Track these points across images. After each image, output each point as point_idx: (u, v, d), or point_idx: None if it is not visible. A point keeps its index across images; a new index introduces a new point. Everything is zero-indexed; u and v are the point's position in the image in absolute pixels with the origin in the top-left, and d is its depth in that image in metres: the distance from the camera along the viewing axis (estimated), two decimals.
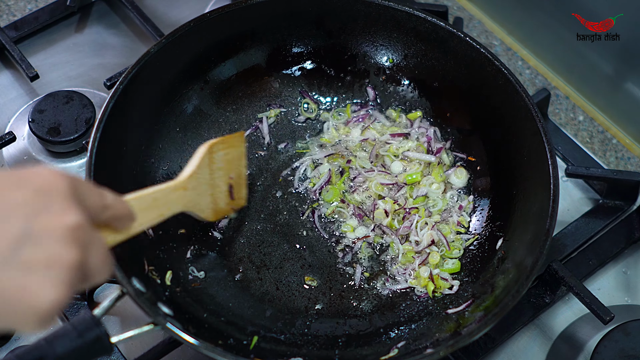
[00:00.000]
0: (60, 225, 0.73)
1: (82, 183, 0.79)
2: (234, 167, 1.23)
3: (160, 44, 1.27)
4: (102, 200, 0.83)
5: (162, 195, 1.04)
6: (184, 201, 1.11)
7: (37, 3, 1.64)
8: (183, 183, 1.11)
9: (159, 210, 1.03)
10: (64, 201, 0.74)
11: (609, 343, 1.19)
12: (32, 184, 0.74)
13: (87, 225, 0.76)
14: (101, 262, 0.78)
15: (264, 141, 1.39)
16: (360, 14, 1.36)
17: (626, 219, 1.37)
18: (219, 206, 1.22)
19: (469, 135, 1.35)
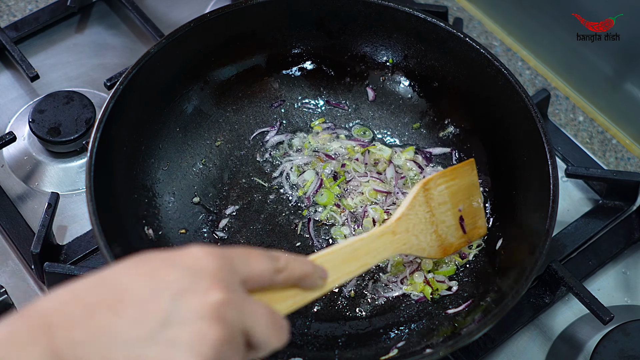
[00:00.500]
0: (203, 303, 0.74)
1: (239, 254, 0.80)
2: (462, 198, 1.15)
3: (161, 44, 1.27)
4: (273, 264, 0.83)
5: (363, 244, 0.97)
6: (395, 245, 1.03)
7: (37, 3, 1.64)
8: (390, 228, 1.04)
9: (360, 260, 0.96)
10: (209, 280, 0.76)
11: (608, 343, 1.19)
12: (183, 264, 0.76)
13: (237, 300, 0.77)
14: (266, 331, 0.79)
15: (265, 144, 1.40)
16: (360, 15, 1.36)
17: (626, 219, 1.37)
18: (448, 241, 1.13)
19: (469, 136, 1.35)
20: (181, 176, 1.32)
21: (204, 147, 1.36)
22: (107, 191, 1.15)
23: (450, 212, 1.14)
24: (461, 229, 1.16)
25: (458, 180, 1.16)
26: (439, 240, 1.13)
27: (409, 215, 1.07)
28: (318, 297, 0.89)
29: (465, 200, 1.17)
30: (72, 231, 1.35)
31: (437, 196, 1.12)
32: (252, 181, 1.35)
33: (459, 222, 1.16)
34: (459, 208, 1.15)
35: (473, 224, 1.19)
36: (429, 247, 1.11)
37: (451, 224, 1.15)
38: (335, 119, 1.42)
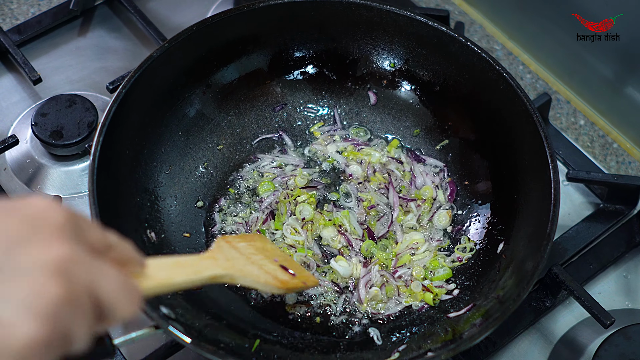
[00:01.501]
0: (45, 256, 0.66)
1: (82, 219, 0.73)
2: (272, 254, 1.18)
3: (163, 48, 1.27)
4: (105, 239, 0.76)
5: (186, 260, 0.99)
6: (220, 267, 1.04)
7: (40, 7, 1.64)
8: (207, 255, 1.07)
9: (190, 269, 0.97)
10: (53, 232, 0.68)
11: (609, 347, 1.19)
12: (22, 213, 0.69)
13: (85, 258, 0.69)
14: (117, 295, 0.71)
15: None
16: (362, 19, 1.37)
17: (627, 223, 1.38)
18: (281, 278, 1.13)
19: (470, 140, 1.36)
20: (183, 179, 1.32)
21: (206, 150, 1.36)
22: (110, 194, 1.15)
23: (267, 260, 1.15)
24: (288, 273, 1.15)
25: (257, 242, 1.19)
26: (269, 274, 1.11)
27: (221, 251, 1.09)
28: (154, 287, 0.87)
29: (277, 256, 1.18)
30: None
31: (244, 249, 1.14)
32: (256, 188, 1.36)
33: (281, 268, 1.15)
34: (275, 259, 1.16)
35: (300, 272, 1.18)
36: (263, 277, 1.10)
37: (274, 268, 1.14)
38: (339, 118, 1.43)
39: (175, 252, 1.24)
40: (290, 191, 1.33)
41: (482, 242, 1.28)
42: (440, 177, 1.36)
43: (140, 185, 1.26)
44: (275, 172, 1.37)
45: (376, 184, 1.35)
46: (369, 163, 1.37)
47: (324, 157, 1.39)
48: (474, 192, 1.33)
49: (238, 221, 1.31)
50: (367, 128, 1.42)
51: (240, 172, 1.37)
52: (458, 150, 1.37)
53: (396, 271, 1.26)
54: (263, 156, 1.39)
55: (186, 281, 0.95)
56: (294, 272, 1.16)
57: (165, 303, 1.11)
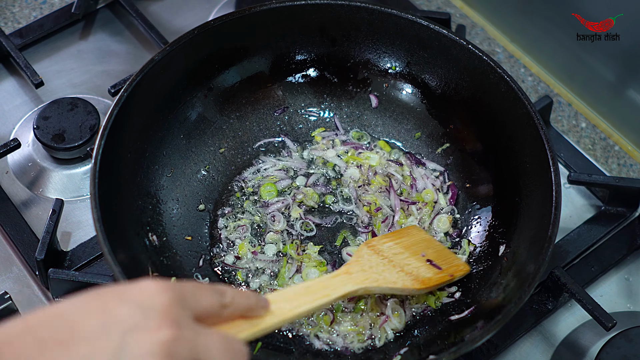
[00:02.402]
0: (152, 340, 0.74)
1: (190, 290, 0.81)
2: (421, 248, 1.17)
3: (164, 51, 1.27)
4: (220, 299, 0.84)
5: (316, 283, 1.01)
6: (354, 281, 1.07)
7: (42, 10, 1.65)
8: (342, 269, 1.08)
9: (317, 293, 0.99)
10: (159, 316, 0.76)
11: (611, 350, 1.19)
12: (135, 300, 0.76)
13: (188, 336, 0.77)
14: (221, 358, 0.79)
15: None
16: (363, 22, 1.37)
17: (628, 225, 1.38)
18: (423, 276, 1.14)
19: (471, 143, 1.36)
20: (185, 183, 1.32)
21: (208, 153, 1.36)
22: (112, 198, 1.16)
23: (413, 258, 1.15)
24: (434, 267, 1.16)
25: (406, 238, 1.19)
26: (409, 275, 1.12)
27: (358, 261, 1.10)
28: (278, 324, 0.91)
29: (427, 249, 1.18)
30: (76, 237, 1.35)
31: (388, 250, 1.14)
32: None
33: (427, 263, 1.16)
34: (422, 254, 1.16)
35: (448, 264, 1.19)
36: (401, 280, 1.11)
37: (418, 265, 1.14)
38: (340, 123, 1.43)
39: (177, 255, 1.24)
40: (300, 242, 1.30)
41: (483, 245, 1.28)
42: (441, 180, 1.36)
43: (142, 189, 1.26)
44: (278, 175, 1.37)
45: (377, 187, 1.36)
46: (368, 166, 1.37)
47: (323, 160, 1.39)
48: (475, 195, 1.34)
49: (241, 224, 1.31)
50: (367, 132, 1.42)
51: (242, 175, 1.37)
52: (459, 153, 1.37)
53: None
54: (265, 159, 1.39)
55: (315, 307, 0.97)
56: (441, 266, 1.16)
57: None
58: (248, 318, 0.88)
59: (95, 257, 1.31)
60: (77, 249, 1.32)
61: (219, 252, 1.28)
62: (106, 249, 1.06)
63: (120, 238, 1.13)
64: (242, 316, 0.87)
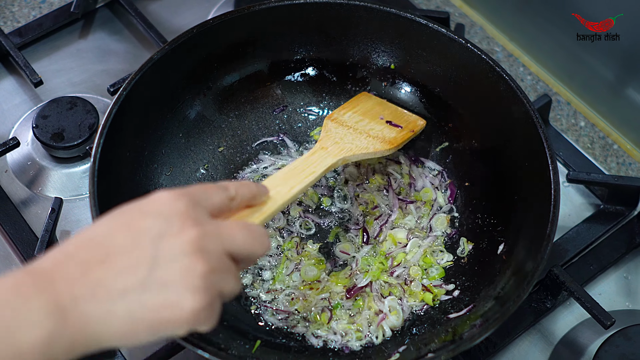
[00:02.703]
0: (182, 242, 0.81)
1: (198, 191, 0.88)
2: (377, 112, 1.27)
3: (163, 50, 1.27)
4: (226, 193, 0.92)
5: (299, 163, 1.09)
6: (333, 153, 1.15)
7: (41, 9, 1.65)
8: (318, 146, 1.16)
9: (305, 171, 1.08)
10: (181, 219, 0.83)
11: (609, 348, 1.19)
12: (154, 210, 0.83)
13: (210, 230, 0.84)
14: (246, 243, 0.88)
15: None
16: (362, 21, 1.37)
17: (627, 224, 1.38)
18: (389, 136, 1.24)
19: (470, 141, 1.36)
20: (184, 181, 1.32)
21: (207, 152, 1.36)
22: (111, 196, 1.15)
23: (374, 122, 1.24)
24: (395, 127, 1.25)
25: (361, 106, 1.28)
26: (377, 138, 1.22)
27: (328, 136, 1.19)
28: (282, 205, 1.01)
29: (383, 112, 1.27)
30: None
31: (349, 119, 1.24)
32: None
33: (387, 124, 1.24)
34: (380, 117, 1.25)
35: (406, 121, 1.28)
36: (371, 145, 1.20)
37: (381, 128, 1.24)
38: None
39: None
40: (300, 240, 1.30)
41: (482, 243, 1.28)
42: (440, 179, 1.37)
43: (141, 187, 1.26)
44: None
45: (375, 186, 1.36)
46: (367, 165, 1.37)
47: None
48: (474, 194, 1.34)
49: None
50: None
51: (242, 173, 1.37)
52: (458, 152, 1.37)
53: (394, 271, 1.27)
54: (264, 157, 1.39)
55: (306, 185, 1.06)
56: (400, 124, 1.27)
57: None
58: (253, 206, 0.96)
59: None
60: None
61: None
62: None
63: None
64: (248, 205, 0.96)
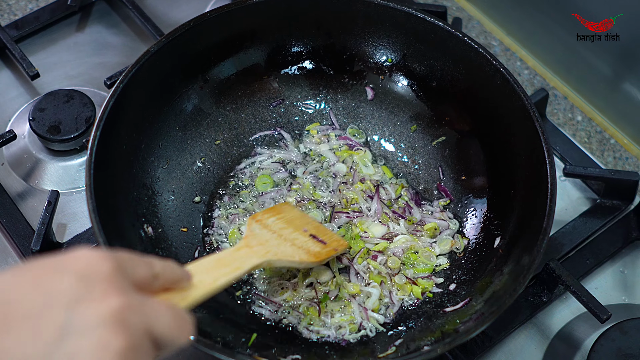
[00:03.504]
0: (102, 310, 0.69)
1: (126, 259, 0.76)
2: (301, 224, 1.22)
3: (160, 43, 1.27)
4: (151, 270, 0.80)
5: (225, 256, 1.04)
6: (258, 254, 1.10)
7: (38, 2, 1.64)
8: (242, 243, 1.11)
9: (229, 266, 1.01)
10: (105, 284, 0.71)
11: (606, 342, 1.20)
12: (73, 269, 0.71)
13: (136, 303, 0.72)
14: (171, 327, 0.75)
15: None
16: (359, 14, 1.37)
17: (624, 218, 1.38)
18: (314, 250, 1.18)
19: (467, 135, 1.36)
20: (181, 174, 1.32)
21: (204, 145, 1.36)
22: (107, 189, 1.15)
23: (297, 232, 1.19)
24: (319, 242, 1.20)
25: (285, 214, 1.23)
26: (302, 249, 1.17)
27: (254, 235, 1.14)
28: (203, 295, 0.90)
29: (306, 225, 1.22)
30: (71, 229, 1.35)
31: (273, 224, 1.18)
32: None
33: (311, 238, 1.20)
34: (304, 229, 1.20)
35: (330, 239, 1.22)
36: (297, 254, 1.15)
37: (305, 240, 1.19)
38: (335, 118, 1.43)
39: (172, 246, 1.24)
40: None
41: (478, 237, 1.28)
42: (450, 210, 1.34)
43: (138, 180, 1.26)
44: (274, 167, 1.37)
45: (361, 189, 1.35)
46: (356, 171, 1.37)
47: (317, 154, 1.39)
48: (470, 187, 1.34)
49: (234, 212, 1.31)
50: (363, 130, 1.42)
51: (238, 167, 1.37)
52: (455, 145, 1.37)
53: (376, 255, 1.27)
54: (261, 150, 1.39)
55: (230, 280, 0.99)
56: (325, 241, 1.21)
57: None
58: (174, 290, 0.85)
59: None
60: (73, 241, 1.32)
61: (211, 239, 1.28)
62: (102, 241, 1.06)
63: (115, 229, 1.13)
64: (168, 288, 0.84)
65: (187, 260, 1.25)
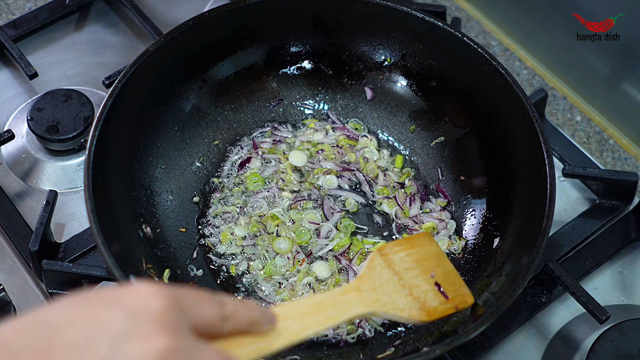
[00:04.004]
0: (147, 350, 0.66)
1: (188, 296, 0.72)
2: (431, 265, 1.10)
3: (159, 42, 1.27)
4: (220, 310, 0.75)
5: (326, 299, 0.94)
6: (365, 302, 0.99)
7: (36, 2, 1.64)
8: (352, 285, 1.00)
9: (327, 313, 0.91)
10: (154, 323, 0.67)
11: (604, 342, 1.20)
12: (126, 304, 0.68)
13: (186, 348, 0.69)
14: None
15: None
16: (358, 14, 1.37)
17: (622, 219, 1.38)
18: (430, 305, 1.06)
19: (466, 135, 1.36)
20: (179, 174, 1.32)
21: (202, 145, 1.36)
22: (105, 189, 1.15)
23: (422, 278, 1.08)
24: (441, 294, 1.09)
25: (419, 249, 1.12)
26: (417, 302, 1.06)
27: (370, 275, 1.04)
28: (284, 346, 0.82)
29: (436, 268, 1.11)
30: (70, 229, 1.35)
31: (400, 262, 1.08)
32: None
33: (434, 287, 1.09)
34: (431, 274, 1.10)
35: (455, 292, 1.12)
36: (408, 308, 1.04)
37: (427, 289, 1.08)
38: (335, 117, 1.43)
39: (171, 246, 1.24)
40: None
41: (477, 238, 1.28)
42: (445, 213, 1.33)
43: (136, 180, 1.25)
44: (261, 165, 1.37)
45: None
46: (363, 157, 1.38)
47: (314, 143, 1.39)
48: (469, 188, 1.33)
49: (227, 210, 1.30)
50: (364, 125, 1.42)
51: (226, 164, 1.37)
52: (454, 145, 1.37)
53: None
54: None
55: (323, 329, 0.90)
56: (447, 294, 1.10)
57: None
58: (250, 334, 0.79)
59: (89, 249, 1.31)
60: (71, 241, 1.32)
61: (205, 238, 1.28)
62: (100, 241, 1.06)
63: (114, 230, 1.13)
64: (244, 331, 0.78)
65: (185, 261, 1.24)
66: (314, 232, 1.29)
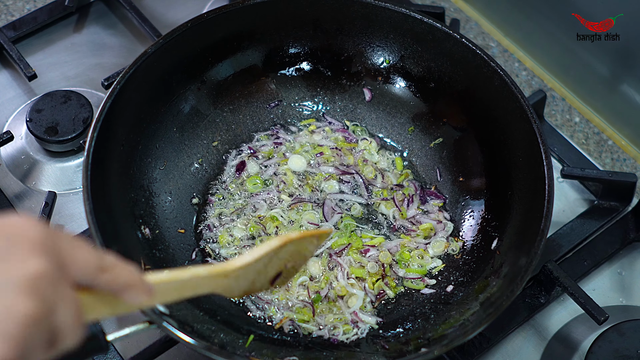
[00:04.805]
0: (19, 272, 0.65)
1: (65, 238, 0.72)
2: (296, 259, 1.09)
3: (158, 44, 1.27)
4: (97, 260, 0.74)
5: (197, 279, 0.91)
6: (216, 285, 0.96)
7: (35, 3, 1.64)
8: (227, 272, 0.96)
9: (193, 290, 0.91)
10: (30, 248, 0.67)
11: (603, 343, 1.20)
12: (3, 230, 0.68)
13: (56, 278, 0.68)
14: (70, 324, 0.69)
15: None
16: (357, 15, 1.37)
17: (621, 220, 1.38)
18: (253, 288, 1.05)
19: (465, 136, 1.36)
20: (178, 176, 1.32)
21: (201, 146, 1.36)
22: (104, 190, 1.15)
23: (277, 267, 1.06)
24: (272, 281, 1.07)
25: (307, 245, 1.09)
26: (249, 287, 1.03)
27: (250, 266, 1.00)
28: (112, 314, 0.80)
29: (295, 262, 1.09)
30: (69, 230, 1.35)
31: (283, 253, 1.05)
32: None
33: (275, 275, 1.07)
34: (287, 265, 1.08)
35: (283, 281, 1.10)
36: (238, 291, 1.01)
37: (269, 276, 1.06)
38: (334, 117, 1.43)
39: (170, 247, 1.24)
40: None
41: (476, 239, 1.28)
42: (448, 211, 1.34)
43: (135, 181, 1.26)
44: (262, 166, 1.37)
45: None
46: (363, 159, 1.38)
47: (312, 145, 1.39)
48: (468, 189, 1.34)
49: (227, 213, 1.31)
50: (364, 127, 1.42)
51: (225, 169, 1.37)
52: (452, 147, 1.37)
53: (368, 250, 1.27)
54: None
55: (177, 297, 0.89)
56: (275, 283, 1.08)
57: None
58: (113, 297, 0.77)
59: None
60: None
61: (204, 239, 1.28)
62: (99, 242, 1.06)
63: (112, 231, 1.13)
64: (115, 293, 0.76)
65: (184, 262, 1.25)
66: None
